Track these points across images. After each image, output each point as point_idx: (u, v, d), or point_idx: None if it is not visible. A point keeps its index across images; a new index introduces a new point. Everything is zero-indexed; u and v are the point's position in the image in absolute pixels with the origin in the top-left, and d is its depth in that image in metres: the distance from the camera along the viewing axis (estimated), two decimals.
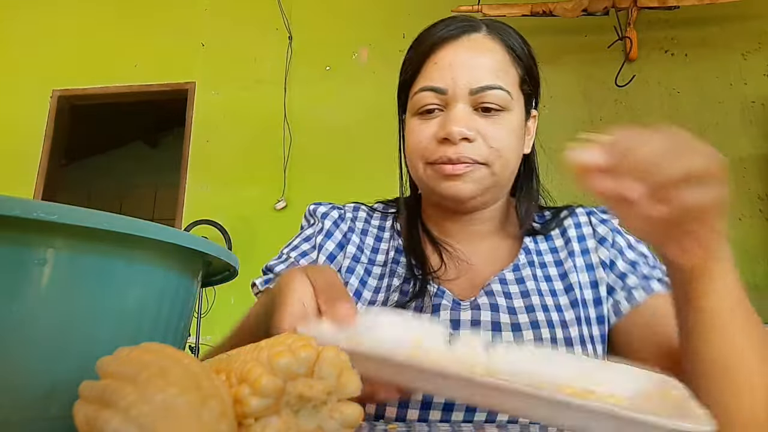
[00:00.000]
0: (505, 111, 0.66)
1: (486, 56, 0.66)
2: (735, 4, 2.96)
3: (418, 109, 0.68)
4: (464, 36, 0.67)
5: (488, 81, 0.65)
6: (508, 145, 0.66)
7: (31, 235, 0.30)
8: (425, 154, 0.67)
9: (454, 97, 0.65)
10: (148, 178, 5.49)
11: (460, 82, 0.65)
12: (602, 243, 0.72)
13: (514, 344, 0.44)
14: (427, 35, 0.69)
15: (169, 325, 0.39)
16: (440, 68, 0.66)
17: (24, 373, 0.30)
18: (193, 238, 0.37)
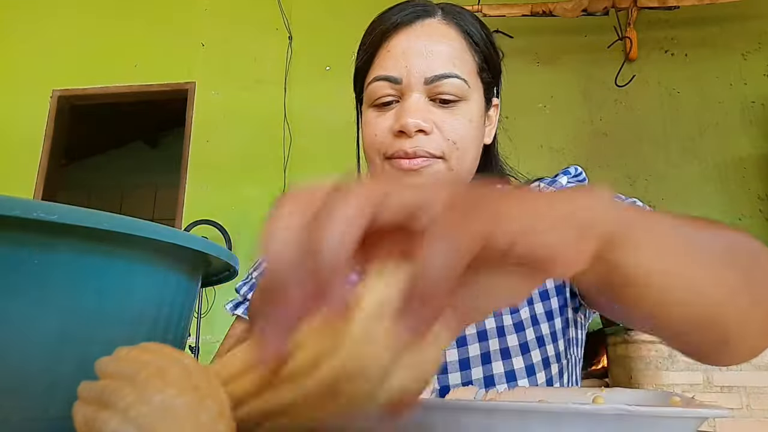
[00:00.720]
0: (463, 101, 0.63)
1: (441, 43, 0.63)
2: (735, 4, 2.96)
3: (373, 101, 0.65)
4: (418, 22, 0.64)
5: (444, 69, 0.62)
6: (465, 137, 0.63)
7: (31, 235, 0.30)
8: (381, 148, 0.64)
9: (409, 87, 0.62)
10: (148, 178, 5.49)
11: (414, 70, 0.62)
12: None
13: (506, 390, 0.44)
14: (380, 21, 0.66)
15: (169, 324, 0.39)
16: (393, 56, 0.63)
17: (23, 374, 0.30)
18: (193, 238, 0.37)
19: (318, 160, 3.17)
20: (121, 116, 4.57)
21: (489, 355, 0.61)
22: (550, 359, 0.63)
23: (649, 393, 0.42)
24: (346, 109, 3.29)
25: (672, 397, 0.38)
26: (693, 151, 3.06)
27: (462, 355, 0.61)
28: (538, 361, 0.62)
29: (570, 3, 2.96)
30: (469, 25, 0.66)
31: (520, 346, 0.62)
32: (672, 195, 3.02)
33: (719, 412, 0.30)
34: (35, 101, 3.61)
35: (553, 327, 0.64)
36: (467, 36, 0.65)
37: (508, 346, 0.62)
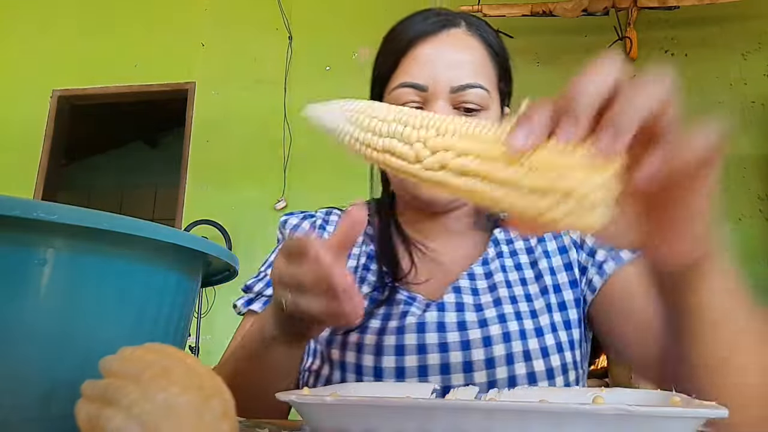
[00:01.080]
0: (484, 110, 0.65)
1: (466, 53, 0.65)
2: (735, 4, 2.96)
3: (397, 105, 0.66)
4: (444, 31, 0.65)
5: (469, 79, 0.63)
6: None
7: (31, 235, 0.30)
8: None
9: (435, 95, 0.63)
10: (148, 178, 5.49)
11: (440, 79, 0.63)
12: None
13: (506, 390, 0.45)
14: (404, 29, 0.67)
15: (169, 324, 0.39)
16: (420, 64, 0.64)
17: (24, 373, 0.30)
18: (193, 238, 0.37)
19: (318, 160, 3.16)
20: (121, 116, 4.56)
21: (512, 356, 0.62)
22: (567, 365, 0.64)
23: (649, 393, 0.42)
24: None
25: (672, 397, 0.38)
26: None
27: (488, 354, 0.62)
28: (557, 365, 0.63)
29: (570, 3, 2.96)
30: (490, 37, 0.68)
31: (541, 350, 0.63)
32: None
33: (719, 412, 0.30)
34: (35, 101, 3.60)
35: (570, 336, 0.66)
36: (489, 47, 0.67)
37: (530, 348, 0.63)
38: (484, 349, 0.63)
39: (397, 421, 0.32)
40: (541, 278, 0.68)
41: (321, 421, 0.34)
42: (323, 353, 0.67)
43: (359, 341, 0.64)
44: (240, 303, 0.73)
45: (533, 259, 0.71)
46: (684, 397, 0.37)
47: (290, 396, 0.35)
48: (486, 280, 0.68)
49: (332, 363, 0.66)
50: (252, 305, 0.72)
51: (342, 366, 0.65)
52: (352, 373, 0.64)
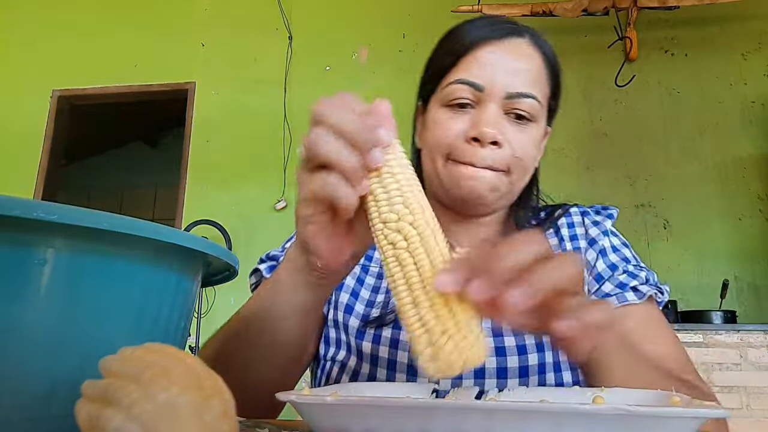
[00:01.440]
0: (533, 122, 0.66)
1: (527, 63, 0.66)
2: (735, 4, 2.96)
3: (449, 101, 0.66)
4: (508, 39, 0.66)
5: (525, 89, 0.65)
6: (529, 155, 0.66)
7: (31, 235, 0.30)
8: (448, 150, 0.65)
9: (490, 97, 0.64)
10: (148, 178, 5.49)
11: (498, 82, 0.64)
12: (591, 245, 0.72)
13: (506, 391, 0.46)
14: (469, 30, 0.68)
15: (169, 325, 0.39)
16: (481, 65, 0.65)
17: (24, 373, 0.30)
18: (193, 238, 0.37)
19: None
20: (121, 116, 4.57)
21: (545, 365, 0.64)
22: None
23: (649, 393, 0.42)
24: None
25: (672, 397, 0.38)
26: (693, 151, 3.06)
27: (522, 362, 0.64)
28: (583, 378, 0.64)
29: (570, 3, 2.96)
30: (550, 53, 0.69)
31: (570, 362, 0.65)
32: (672, 195, 3.02)
33: (719, 412, 0.30)
34: (35, 101, 3.61)
35: None
36: (548, 63, 0.68)
37: (560, 360, 0.65)
38: (519, 357, 0.64)
39: (397, 421, 0.32)
40: None
41: (321, 421, 0.34)
42: (350, 344, 0.67)
43: (395, 337, 0.65)
44: (263, 267, 0.72)
45: None
46: (684, 397, 0.37)
47: (290, 396, 0.35)
48: None
49: (362, 355, 0.66)
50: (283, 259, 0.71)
51: (374, 360, 0.65)
52: (384, 368, 0.64)
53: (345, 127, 0.40)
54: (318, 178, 0.41)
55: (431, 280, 0.37)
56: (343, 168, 0.39)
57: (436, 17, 3.36)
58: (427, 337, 0.36)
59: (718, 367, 2.30)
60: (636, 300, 0.65)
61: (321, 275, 0.48)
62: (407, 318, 0.38)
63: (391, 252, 0.39)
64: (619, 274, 0.68)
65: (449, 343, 0.36)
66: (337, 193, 0.40)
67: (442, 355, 0.35)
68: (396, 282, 0.39)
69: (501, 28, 0.67)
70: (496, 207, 0.70)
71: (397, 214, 0.39)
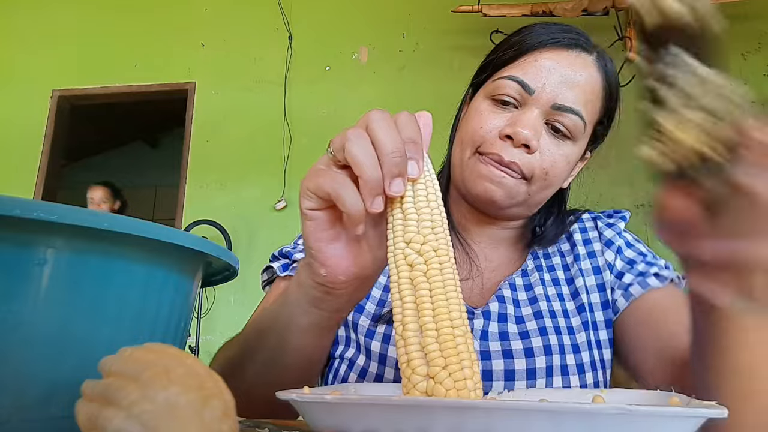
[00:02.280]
0: (571, 140, 0.64)
1: (585, 81, 0.64)
2: (735, 4, 2.96)
3: (494, 94, 0.65)
4: (575, 50, 0.65)
5: (574, 105, 0.63)
6: (557, 172, 0.64)
7: (31, 235, 0.30)
8: (480, 141, 0.64)
9: (536, 102, 0.63)
10: (148, 178, 5.49)
11: (549, 90, 0.62)
12: (608, 246, 0.72)
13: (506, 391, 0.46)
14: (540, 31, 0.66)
15: (169, 325, 0.39)
16: (538, 68, 0.63)
17: (24, 374, 0.30)
18: (193, 238, 0.37)
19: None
20: (121, 116, 4.57)
21: (552, 369, 0.65)
22: (599, 384, 0.66)
23: (649, 393, 0.42)
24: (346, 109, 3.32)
25: (672, 397, 0.38)
26: None
27: (529, 365, 0.64)
28: (591, 383, 0.65)
29: (570, 3, 2.96)
30: (612, 79, 0.67)
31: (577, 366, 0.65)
32: None
33: (719, 412, 0.30)
34: (35, 101, 3.61)
35: (602, 355, 0.68)
36: (607, 88, 0.66)
37: (567, 363, 0.65)
38: (526, 360, 0.64)
39: (397, 421, 0.32)
40: (577, 296, 0.69)
41: (321, 420, 0.34)
42: (359, 343, 0.67)
43: None
44: (276, 266, 0.70)
45: (569, 276, 0.71)
46: (683, 397, 0.37)
47: (290, 395, 0.35)
48: (526, 292, 0.69)
49: (371, 354, 0.65)
50: (294, 273, 0.69)
51: (382, 359, 0.65)
52: (392, 368, 0.64)
53: (384, 148, 0.39)
54: (332, 175, 0.40)
55: (444, 311, 0.36)
56: (363, 174, 0.38)
57: (436, 17, 3.37)
58: (425, 369, 0.36)
59: None
60: (659, 284, 0.66)
61: (326, 290, 0.45)
62: (408, 345, 0.37)
63: (407, 274, 0.38)
64: (638, 265, 0.69)
65: (447, 380, 0.35)
66: (343, 195, 0.39)
67: (438, 392, 0.35)
68: (404, 305, 0.38)
69: (571, 38, 0.65)
70: (511, 214, 0.69)
71: (423, 237, 0.39)
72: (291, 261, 0.71)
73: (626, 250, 0.72)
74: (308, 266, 0.45)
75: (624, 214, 0.78)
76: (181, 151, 3.45)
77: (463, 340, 0.36)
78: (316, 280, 0.44)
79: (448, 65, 3.21)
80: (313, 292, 0.46)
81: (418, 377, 0.36)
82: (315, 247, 0.43)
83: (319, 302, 0.46)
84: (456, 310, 0.37)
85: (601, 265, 0.71)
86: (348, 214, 0.39)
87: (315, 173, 0.42)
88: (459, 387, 0.35)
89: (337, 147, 0.40)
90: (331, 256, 0.43)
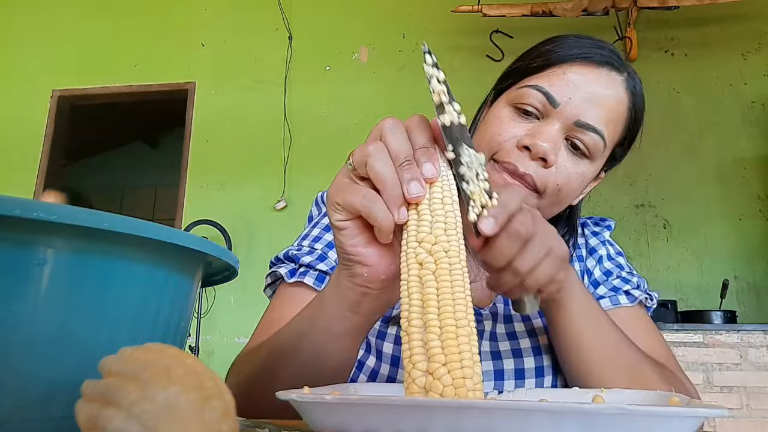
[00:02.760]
0: (588, 158, 0.63)
1: (611, 101, 0.63)
2: (735, 4, 2.96)
3: (518, 102, 0.64)
4: (605, 68, 0.63)
5: (597, 124, 0.61)
6: (570, 188, 0.64)
7: (31, 235, 0.30)
8: (497, 148, 0.63)
9: (558, 116, 0.61)
10: (148, 178, 5.49)
11: (574, 105, 0.61)
12: (591, 253, 0.75)
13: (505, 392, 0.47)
14: (572, 44, 0.65)
15: (169, 325, 0.39)
16: (566, 81, 0.62)
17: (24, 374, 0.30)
18: (193, 238, 0.37)
19: (318, 160, 3.17)
20: (121, 116, 4.57)
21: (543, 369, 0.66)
22: None
23: (649, 393, 0.42)
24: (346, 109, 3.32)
25: (672, 397, 0.38)
26: (693, 151, 3.06)
27: (538, 363, 0.66)
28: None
29: (570, 3, 2.96)
30: (639, 101, 0.66)
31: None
32: (672, 195, 3.02)
33: (719, 412, 0.30)
34: (35, 101, 3.61)
35: None
36: (632, 109, 0.65)
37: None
38: (534, 358, 0.65)
39: (397, 421, 0.32)
40: None
41: (321, 420, 0.34)
42: (370, 344, 0.67)
43: None
44: (284, 271, 0.68)
45: None
46: (683, 397, 0.37)
47: (290, 395, 0.35)
48: None
49: (381, 356, 0.66)
50: (304, 278, 0.67)
51: (394, 360, 0.65)
52: (403, 369, 0.64)
53: (399, 157, 0.41)
54: (358, 190, 0.41)
55: (449, 309, 0.37)
56: (385, 189, 0.40)
57: (436, 17, 3.37)
58: (424, 365, 0.36)
59: (718, 367, 2.30)
60: (628, 303, 0.69)
61: (365, 291, 0.45)
62: (411, 340, 0.37)
63: (417, 272, 0.39)
64: (613, 279, 0.72)
65: (446, 377, 0.35)
66: (374, 211, 0.40)
67: (435, 388, 0.35)
68: (411, 302, 0.38)
69: (603, 54, 0.64)
70: None
71: (435, 237, 0.39)
72: (298, 265, 0.69)
73: (606, 261, 0.74)
74: (346, 271, 0.46)
75: (610, 223, 0.80)
76: (181, 151, 3.46)
77: (466, 340, 0.36)
78: (356, 281, 0.45)
79: (448, 65, 3.21)
80: (353, 296, 0.46)
81: (418, 372, 0.36)
82: (353, 252, 0.44)
83: (356, 306, 0.47)
84: (462, 310, 0.37)
85: (581, 271, 0.74)
86: (379, 228, 0.41)
87: (340, 188, 0.43)
88: (457, 385, 0.35)
89: (358, 162, 0.42)
90: (371, 255, 0.44)
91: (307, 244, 0.72)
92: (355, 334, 0.50)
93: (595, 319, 0.57)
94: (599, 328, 0.57)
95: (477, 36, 3.19)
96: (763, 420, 2.19)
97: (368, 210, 0.41)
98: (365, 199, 0.41)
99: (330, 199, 0.44)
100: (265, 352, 0.58)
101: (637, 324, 0.68)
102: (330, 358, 0.52)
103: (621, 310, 0.68)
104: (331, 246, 0.71)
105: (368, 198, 0.41)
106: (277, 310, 0.68)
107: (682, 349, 2.31)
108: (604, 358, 0.57)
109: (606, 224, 0.80)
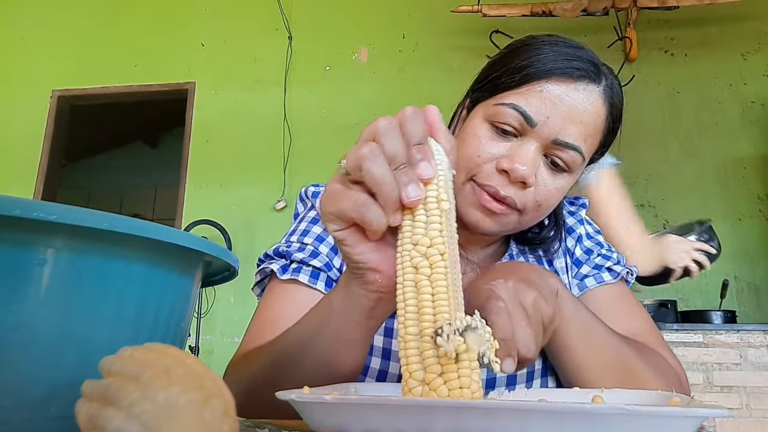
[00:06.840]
0: (567, 172, 0.63)
1: (589, 117, 0.62)
2: (735, 4, 2.96)
3: (495, 120, 0.63)
4: (582, 83, 0.62)
5: (575, 141, 0.61)
6: (550, 203, 0.64)
7: (31, 235, 0.30)
8: (476, 170, 0.63)
9: (536, 135, 0.61)
10: (148, 178, 5.49)
11: (551, 125, 0.61)
12: (569, 233, 0.77)
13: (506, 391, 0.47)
14: (548, 56, 0.63)
15: (169, 325, 0.39)
16: (542, 100, 0.61)
17: (24, 374, 0.30)
18: (193, 238, 0.37)
19: (318, 160, 3.16)
20: (121, 116, 4.57)
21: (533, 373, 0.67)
22: None
23: (649, 393, 0.42)
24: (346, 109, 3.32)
25: (672, 397, 0.38)
26: (692, 151, 3.06)
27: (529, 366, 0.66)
28: None
29: (570, 3, 2.96)
30: (617, 108, 0.66)
31: None
32: (672, 195, 3.02)
33: (719, 412, 0.30)
34: (35, 101, 3.61)
35: None
36: (609, 118, 0.65)
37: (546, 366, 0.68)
38: None
39: (397, 421, 0.32)
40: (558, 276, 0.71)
41: (321, 420, 0.34)
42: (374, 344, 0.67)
43: None
44: (276, 267, 0.67)
45: (549, 258, 0.76)
46: (683, 397, 0.37)
47: (290, 395, 0.35)
48: None
49: (373, 349, 0.65)
50: (298, 275, 0.67)
51: (386, 354, 0.65)
52: (396, 362, 0.64)
53: (396, 159, 0.39)
54: (349, 197, 0.40)
55: (445, 317, 0.36)
56: (382, 193, 0.39)
57: (436, 17, 3.37)
58: (421, 375, 0.36)
59: (718, 367, 2.30)
60: (612, 279, 0.72)
61: (380, 296, 0.45)
62: (407, 348, 0.37)
63: (412, 276, 0.38)
64: (594, 257, 0.74)
65: (442, 388, 0.35)
66: (368, 216, 0.39)
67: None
68: (407, 307, 0.38)
69: (579, 67, 0.62)
70: (499, 235, 0.72)
71: (430, 240, 0.39)
72: (290, 261, 0.69)
73: (585, 240, 0.76)
74: (358, 278, 0.45)
75: (584, 201, 0.81)
76: (181, 151, 3.46)
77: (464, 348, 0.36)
78: (371, 288, 0.44)
79: (448, 65, 3.21)
80: (367, 303, 0.46)
81: (415, 382, 0.36)
82: (362, 260, 0.43)
83: (371, 311, 0.47)
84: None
85: (562, 250, 0.75)
86: (372, 231, 0.40)
87: (333, 196, 0.42)
88: (454, 396, 0.35)
89: (352, 166, 0.40)
90: (382, 260, 0.43)
91: (296, 239, 0.71)
92: (367, 339, 0.50)
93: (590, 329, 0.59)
94: (593, 337, 0.59)
95: (477, 36, 3.18)
96: (763, 420, 2.19)
97: (362, 216, 0.40)
98: (356, 205, 0.40)
99: (323, 210, 0.43)
100: (266, 361, 0.57)
101: (621, 301, 0.72)
102: (343, 367, 0.51)
103: (605, 288, 0.71)
104: (321, 239, 0.70)
105: (359, 203, 0.40)
106: (271, 309, 0.67)
107: (682, 349, 2.30)
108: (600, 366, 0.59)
109: (581, 203, 0.81)
